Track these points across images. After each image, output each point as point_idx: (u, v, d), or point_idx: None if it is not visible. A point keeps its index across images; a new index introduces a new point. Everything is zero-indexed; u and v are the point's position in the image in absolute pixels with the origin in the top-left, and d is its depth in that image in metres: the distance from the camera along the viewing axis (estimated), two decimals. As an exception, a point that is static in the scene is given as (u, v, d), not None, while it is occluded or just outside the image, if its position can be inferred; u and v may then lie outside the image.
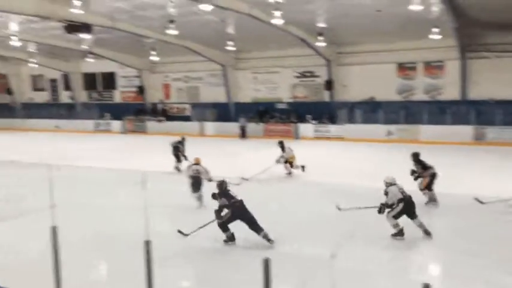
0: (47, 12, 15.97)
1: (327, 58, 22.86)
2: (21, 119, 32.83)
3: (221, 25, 19.45)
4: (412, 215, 7.62)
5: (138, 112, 29.18)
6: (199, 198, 9.69)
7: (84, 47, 23.44)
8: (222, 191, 7.49)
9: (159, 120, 27.91)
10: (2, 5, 14.89)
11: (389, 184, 7.75)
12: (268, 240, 7.27)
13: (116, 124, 29.00)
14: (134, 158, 17.70)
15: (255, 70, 26.18)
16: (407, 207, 7.57)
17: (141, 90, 29.18)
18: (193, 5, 15.23)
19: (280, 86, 25.66)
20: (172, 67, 28.34)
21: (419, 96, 22.21)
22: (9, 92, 33.78)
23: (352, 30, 19.99)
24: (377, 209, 7.65)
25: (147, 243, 4.25)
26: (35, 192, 9.42)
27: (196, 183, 9.73)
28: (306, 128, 23.77)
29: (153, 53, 24.08)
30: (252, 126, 24.92)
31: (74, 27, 17.34)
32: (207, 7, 14.10)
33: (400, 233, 7.58)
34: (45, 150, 19.60)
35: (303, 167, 13.25)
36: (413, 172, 9.62)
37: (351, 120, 22.82)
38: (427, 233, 7.60)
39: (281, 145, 13.57)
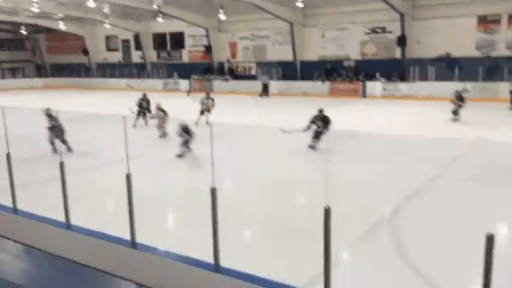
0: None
1: (400, 12, 21.68)
2: (96, 78, 34.78)
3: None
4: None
5: (205, 71, 29.72)
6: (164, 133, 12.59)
7: (155, 6, 24.02)
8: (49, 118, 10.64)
9: (226, 80, 28.29)
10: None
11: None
12: (69, 149, 10.47)
13: (184, 83, 29.80)
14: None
15: (323, 27, 25.50)
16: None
17: (208, 49, 29.56)
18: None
19: (349, 43, 24.89)
20: (239, 26, 28.35)
21: (501, 51, 20.66)
22: (85, 52, 35.62)
23: (430, -20, 18.80)
24: None
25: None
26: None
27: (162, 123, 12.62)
28: (374, 87, 23.08)
29: (221, 11, 24.21)
30: (317, 85, 24.64)
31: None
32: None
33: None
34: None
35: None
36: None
37: (423, 78, 21.80)
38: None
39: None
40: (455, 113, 14.68)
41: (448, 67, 21.17)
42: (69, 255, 5.17)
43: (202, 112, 14.77)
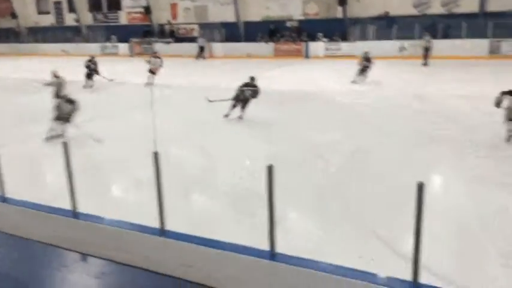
0: None
1: (341, -30, 21.80)
2: (27, 43, 32.51)
3: None
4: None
5: (145, 34, 28.60)
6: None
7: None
8: None
9: (167, 42, 27.40)
10: None
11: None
12: None
13: (123, 47, 28.59)
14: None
15: (265, -14, 25.15)
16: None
17: (147, 10, 28.34)
18: None
19: (292, 3, 24.73)
20: (179, -16, 27.30)
21: (436, 9, 21.35)
22: (13, 16, 33.04)
23: None
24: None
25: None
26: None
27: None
28: (317, 47, 23.26)
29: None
30: (262, 46, 24.48)
31: None
32: None
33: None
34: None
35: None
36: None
37: (364, 37, 22.19)
38: None
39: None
40: (361, 72, 14.70)
41: (387, 26, 21.64)
42: (8, 229, 4.96)
43: (151, 71, 14.87)
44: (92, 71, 15.44)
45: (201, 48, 24.93)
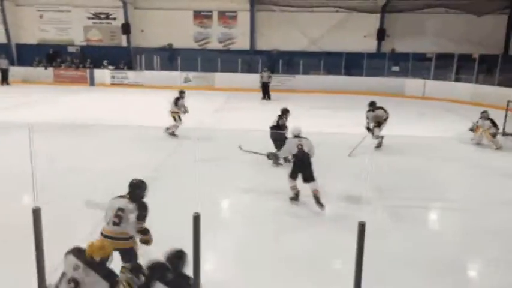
0: None
1: (123, 0, 21.83)
2: None
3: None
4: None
5: None
6: None
7: None
8: None
9: None
10: None
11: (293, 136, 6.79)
12: None
13: None
14: None
15: (41, 7, 23.33)
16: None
17: None
18: None
19: (72, 27, 23.55)
20: None
21: (214, 44, 23.27)
22: None
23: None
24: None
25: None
26: None
27: None
28: (103, 74, 22.62)
29: None
30: (39, 71, 22.51)
31: None
32: None
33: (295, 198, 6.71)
34: None
35: None
36: None
37: (150, 66, 22.60)
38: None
39: None
40: None
41: (171, 57, 22.55)
42: None
43: None
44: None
45: (4, 72, 21.47)
